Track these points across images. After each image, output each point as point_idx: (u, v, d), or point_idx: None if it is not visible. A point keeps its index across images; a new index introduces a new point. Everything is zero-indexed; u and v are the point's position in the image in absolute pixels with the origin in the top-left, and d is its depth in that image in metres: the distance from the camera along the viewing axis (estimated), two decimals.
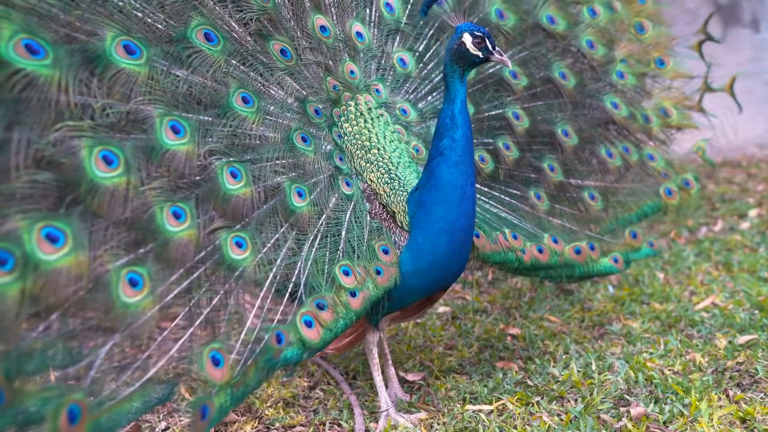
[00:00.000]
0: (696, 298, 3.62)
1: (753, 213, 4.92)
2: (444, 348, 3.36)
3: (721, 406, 2.57)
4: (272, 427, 2.76)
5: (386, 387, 2.85)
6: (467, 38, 2.48)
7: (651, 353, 3.06)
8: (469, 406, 2.75)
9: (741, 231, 4.60)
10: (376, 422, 2.70)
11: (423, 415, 2.72)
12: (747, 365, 2.87)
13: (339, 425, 2.75)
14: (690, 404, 2.58)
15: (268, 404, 2.91)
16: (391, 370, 2.95)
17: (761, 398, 2.62)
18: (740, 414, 2.51)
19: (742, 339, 3.08)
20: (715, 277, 3.89)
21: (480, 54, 2.49)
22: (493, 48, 2.50)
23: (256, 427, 2.77)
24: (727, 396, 2.66)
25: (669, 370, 2.90)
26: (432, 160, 2.52)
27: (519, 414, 2.66)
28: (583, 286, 3.95)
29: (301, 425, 2.77)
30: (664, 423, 2.52)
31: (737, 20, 6.36)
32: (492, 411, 2.71)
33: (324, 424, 2.76)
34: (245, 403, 2.92)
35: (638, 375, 2.84)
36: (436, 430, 2.62)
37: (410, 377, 3.04)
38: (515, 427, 2.58)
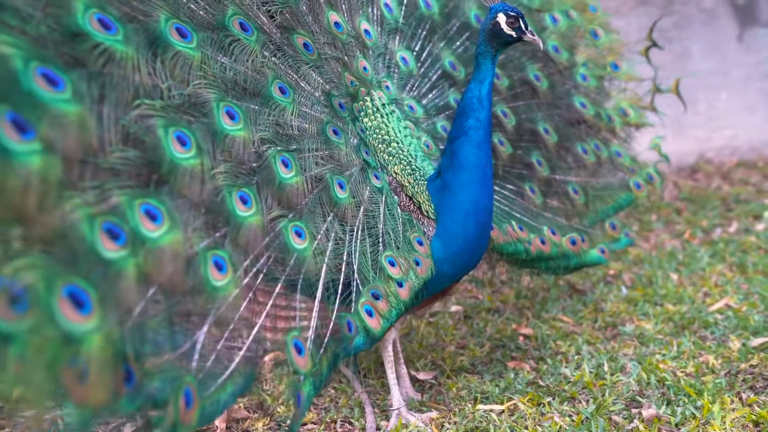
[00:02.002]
0: (710, 300, 3.61)
1: None
2: (456, 347, 3.36)
3: (733, 409, 2.56)
4: (284, 425, 2.77)
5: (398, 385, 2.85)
6: (501, 18, 2.56)
7: (664, 355, 3.05)
8: (480, 406, 2.75)
9: (756, 232, 4.56)
10: (387, 421, 2.71)
11: (434, 414, 2.73)
12: (761, 368, 2.85)
13: (350, 423, 2.76)
14: (702, 407, 2.57)
15: (280, 402, 2.92)
16: (403, 369, 2.96)
17: None
18: (753, 417, 2.50)
19: (756, 341, 3.06)
20: (730, 278, 3.86)
21: (513, 33, 2.57)
22: (526, 28, 2.58)
23: (268, 425, 2.78)
24: (740, 399, 2.65)
25: (681, 371, 2.89)
26: (455, 141, 2.57)
27: (530, 414, 2.66)
28: (597, 286, 3.94)
29: (313, 423, 2.78)
30: (676, 425, 2.51)
31: (755, 20, 6.30)
32: (503, 411, 2.72)
33: (335, 422, 2.77)
34: (257, 401, 2.93)
35: (650, 376, 2.83)
36: (447, 429, 2.63)
37: (421, 376, 3.05)
38: (526, 428, 2.58)
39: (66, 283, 1.55)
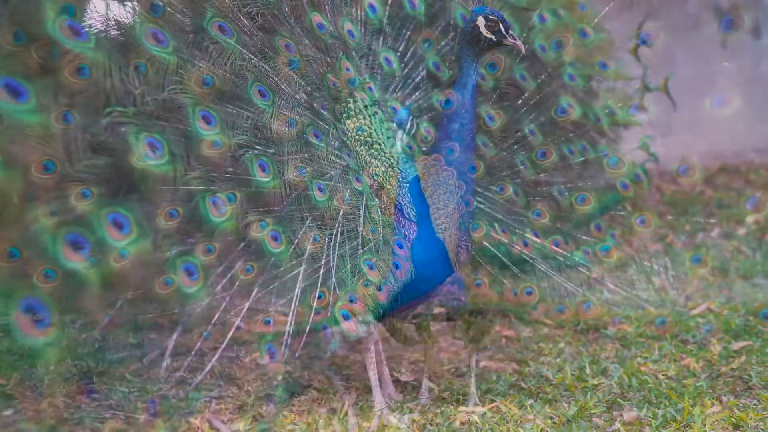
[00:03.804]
0: (691, 304, 3.62)
1: (750, 219, 4.91)
2: (438, 349, 3.35)
3: (714, 412, 2.57)
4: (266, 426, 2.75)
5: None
6: (481, 21, 2.55)
7: (645, 358, 3.06)
8: (462, 408, 2.74)
9: (738, 237, 4.59)
10: (369, 422, 2.70)
11: (416, 415, 2.72)
12: (741, 371, 2.87)
13: (331, 424, 2.74)
14: (683, 409, 2.58)
15: (261, 402, 2.90)
16: (385, 371, 2.94)
17: (754, 404, 2.62)
18: (733, 420, 2.51)
19: (737, 345, 3.08)
20: (711, 282, 3.88)
21: (493, 37, 2.56)
22: (507, 32, 2.55)
23: (250, 425, 2.76)
24: (721, 402, 2.66)
25: (663, 374, 2.90)
26: (438, 144, 2.58)
27: (512, 416, 2.66)
28: (579, 288, 3.94)
29: (294, 423, 2.76)
30: (657, 428, 2.52)
31: (738, 26, 6.35)
32: (485, 413, 2.71)
33: (317, 423, 2.75)
34: (238, 401, 2.91)
35: (632, 379, 2.84)
36: (429, 430, 2.62)
37: (404, 378, 3.04)
38: (508, 430, 2.58)
39: (24, 296, 1.53)
